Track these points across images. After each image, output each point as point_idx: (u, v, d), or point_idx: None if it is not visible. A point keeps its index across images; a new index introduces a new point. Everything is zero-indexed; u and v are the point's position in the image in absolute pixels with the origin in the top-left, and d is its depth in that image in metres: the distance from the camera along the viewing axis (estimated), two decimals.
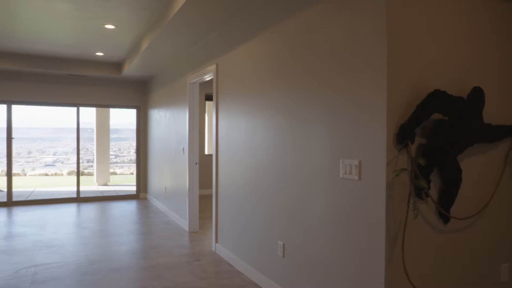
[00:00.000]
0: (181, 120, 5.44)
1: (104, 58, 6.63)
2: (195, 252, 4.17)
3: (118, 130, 19.90)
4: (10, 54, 6.33)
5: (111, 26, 4.72)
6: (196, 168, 4.97)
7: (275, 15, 3.01)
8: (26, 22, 4.63)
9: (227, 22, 3.88)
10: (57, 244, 4.49)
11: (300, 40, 2.69)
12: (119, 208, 6.81)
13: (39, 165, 19.23)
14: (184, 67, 5.29)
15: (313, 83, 2.56)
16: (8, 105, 6.97)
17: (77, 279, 3.39)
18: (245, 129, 3.55)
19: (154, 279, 3.39)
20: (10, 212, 6.41)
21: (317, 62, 2.51)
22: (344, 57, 2.26)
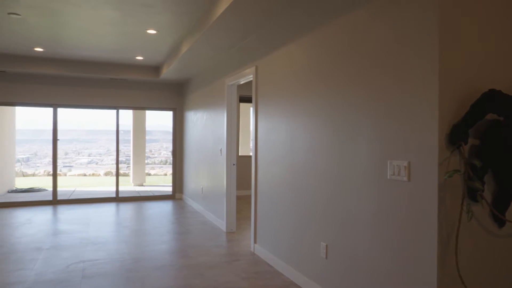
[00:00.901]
0: (218, 121, 5.53)
1: (144, 62, 6.85)
2: (234, 252, 4.22)
3: (150, 132, 20.54)
4: (59, 60, 6.66)
5: (152, 31, 4.88)
6: (233, 169, 5.04)
7: (317, 18, 3.02)
8: (76, 30, 4.87)
9: (267, 25, 3.92)
10: (101, 241, 4.67)
11: (344, 42, 2.68)
12: (156, 208, 6.99)
13: (75, 165, 19.99)
14: (222, 69, 5.39)
15: (358, 84, 2.54)
16: (54, 108, 7.33)
17: (123, 275, 3.52)
18: (285, 130, 3.57)
19: (196, 277, 3.47)
20: (55, 210, 6.73)
21: (363, 64, 2.49)
22: (392, 57, 2.24)
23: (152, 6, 4.01)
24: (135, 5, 3.96)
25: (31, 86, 7.13)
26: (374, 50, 2.40)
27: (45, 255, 4.09)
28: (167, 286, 3.26)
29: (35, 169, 16.78)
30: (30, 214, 6.37)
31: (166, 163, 21.58)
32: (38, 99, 7.18)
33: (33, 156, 21.59)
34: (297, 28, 3.34)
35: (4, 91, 6.98)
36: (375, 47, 2.39)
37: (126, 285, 3.27)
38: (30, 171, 15.74)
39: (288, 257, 3.49)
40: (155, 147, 23.92)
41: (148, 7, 4.02)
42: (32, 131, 24.82)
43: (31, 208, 6.89)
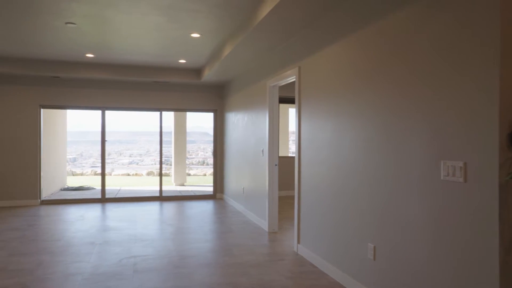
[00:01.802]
0: (260, 122, 5.60)
1: (186, 65, 7.05)
2: (277, 252, 4.26)
3: (187, 133, 21.08)
4: (107, 65, 7.01)
5: (196, 35, 5.02)
6: (275, 169, 5.08)
7: (364, 16, 3.00)
8: (125, 36, 5.11)
9: (310, 26, 3.93)
10: (149, 238, 4.86)
11: (394, 41, 2.65)
12: (198, 207, 7.17)
13: (117, 166, 20.78)
14: (263, 71, 5.44)
15: (409, 82, 2.50)
16: (103, 110, 7.71)
17: (171, 271, 3.65)
18: (330, 130, 3.56)
19: (242, 275, 3.53)
20: (104, 208, 7.07)
21: (416, 61, 2.45)
22: (447, 54, 2.19)
23: (197, 11, 4.13)
24: (181, 10, 4.10)
25: (82, 90, 7.55)
26: (429, 46, 2.35)
27: (98, 250, 4.32)
28: (215, 282, 3.35)
29: (82, 169, 17.66)
30: (82, 211, 6.73)
31: (203, 163, 22.04)
32: (88, 102, 7.58)
33: (79, 157, 22.72)
34: (342, 28, 3.33)
35: (58, 95, 7.43)
36: (430, 44, 2.34)
37: (175, 281, 3.39)
38: (78, 170, 16.59)
39: (333, 257, 3.48)
40: (193, 148, 24.49)
41: (193, 11, 4.14)
42: (77, 133, 26.18)
43: (82, 205, 7.28)
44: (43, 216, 6.27)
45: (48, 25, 4.68)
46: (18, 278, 3.44)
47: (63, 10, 4.14)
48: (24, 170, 7.26)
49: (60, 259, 3.97)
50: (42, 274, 3.55)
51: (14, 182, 7.21)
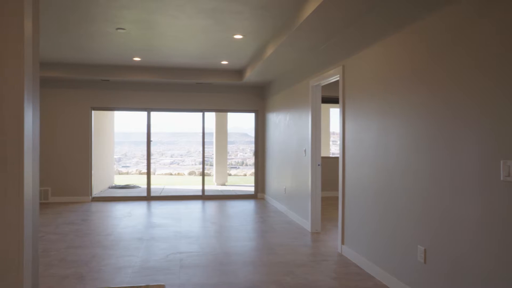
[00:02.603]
0: (302, 122, 5.57)
1: (228, 66, 7.17)
2: (321, 252, 4.22)
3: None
4: (153, 67, 7.28)
5: (239, 36, 5.09)
6: (318, 169, 5.04)
7: (413, 12, 2.91)
8: (171, 39, 5.29)
9: (355, 23, 3.87)
10: (194, 235, 4.99)
11: (445, 37, 2.54)
12: (240, 206, 7.25)
13: (159, 165, 21.42)
14: (306, 70, 5.42)
15: (464, 79, 2.39)
16: (148, 112, 8.01)
17: (216, 268, 3.73)
18: (376, 130, 3.48)
19: (286, 274, 3.53)
20: (149, 205, 7.34)
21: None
22: (507, 47, 2.07)
23: (240, 13, 4.19)
24: (224, 12, 4.18)
25: (129, 92, 7.89)
26: (485, 40, 2.24)
27: (146, 245, 4.49)
28: (259, 280, 3.38)
29: (127, 168, 18.41)
30: (129, 208, 7.03)
31: (242, 164, 22.25)
32: (134, 103, 7.91)
33: (123, 157, 23.71)
34: (388, 25, 3.24)
35: (107, 97, 7.82)
36: (485, 39, 2.23)
37: (220, 277, 3.46)
38: (124, 169, 17.32)
39: (380, 260, 3.40)
40: (232, 148, 24.83)
41: (237, 13, 4.21)
42: (121, 134, 27.38)
43: (129, 203, 7.60)
44: (94, 212, 6.61)
45: (100, 31, 4.94)
46: (75, 268, 3.66)
47: (115, 17, 4.35)
48: (77, 169, 7.70)
49: (112, 253, 4.18)
50: (96, 265, 3.75)
51: (69, 180, 7.66)
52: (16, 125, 1.63)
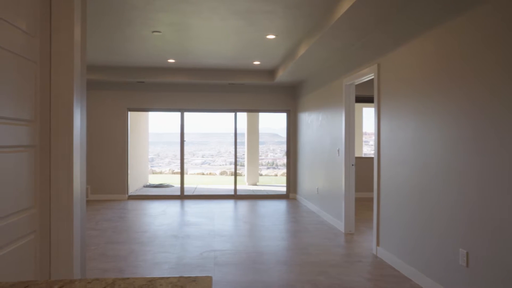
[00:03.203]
0: (335, 122, 5.52)
1: (260, 67, 7.20)
2: (355, 253, 4.16)
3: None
4: (186, 69, 7.43)
5: (272, 36, 5.11)
6: (352, 169, 4.97)
7: (453, 7, 2.81)
8: (204, 41, 5.38)
9: (392, 20, 3.78)
10: (227, 234, 5.05)
11: (489, 32, 2.44)
12: (272, 206, 7.26)
13: (190, 166, 21.77)
14: (339, 69, 5.36)
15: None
16: (182, 112, 8.18)
17: (250, 266, 3.76)
18: (413, 129, 3.39)
19: (320, 274, 3.51)
20: (183, 204, 7.49)
21: None
22: None
23: (273, 12, 4.20)
24: (257, 13, 4.20)
25: (163, 93, 8.09)
26: None
27: (181, 242, 4.59)
28: (293, 280, 3.38)
29: (160, 168, 18.86)
30: (163, 206, 7.21)
31: (273, 164, 22.26)
32: (168, 104, 8.10)
33: (156, 157, 24.32)
34: (427, 21, 3.15)
35: (142, 98, 8.05)
36: None
37: (254, 275, 3.49)
38: (157, 169, 17.76)
39: (417, 262, 3.31)
40: (262, 149, 24.91)
41: (269, 13, 4.22)
42: (154, 135, 28.11)
43: (163, 201, 7.79)
44: (130, 209, 6.83)
45: (137, 35, 5.10)
46: (115, 263, 3.80)
47: (151, 20, 4.49)
48: (114, 168, 7.98)
49: (148, 249, 4.30)
50: (134, 261, 3.87)
51: (106, 178, 7.96)
52: (67, 125, 1.73)
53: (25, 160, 1.53)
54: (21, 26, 1.50)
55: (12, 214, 1.44)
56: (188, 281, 0.85)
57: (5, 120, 1.39)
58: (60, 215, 1.72)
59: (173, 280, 0.85)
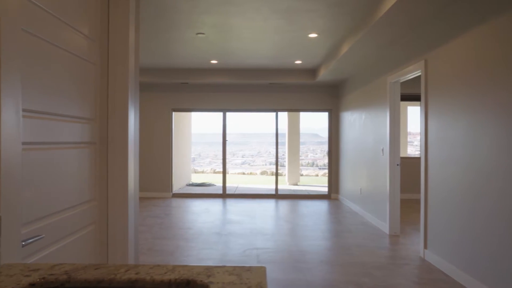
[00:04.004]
0: (379, 120, 5.38)
1: (301, 66, 7.18)
2: (401, 256, 4.04)
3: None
4: (228, 69, 7.56)
5: (314, 35, 5.08)
6: (397, 169, 4.83)
7: (501, 2, 2.66)
8: (245, 41, 5.45)
9: (439, 14, 3.64)
10: (269, 232, 5.08)
11: None
12: (313, 206, 7.21)
13: (231, 165, 21.97)
14: (383, 66, 5.22)
15: None
16: (224, 112, 8.33)
17: (292, 265, 3.76)
18: (464, 127, 3.24)
19: (364, 276, 3.45)
20: (225, 203, 7.62)
21: None
22: None
23: (315, 11, 4.18)
24: (299, 11, 4.20)
25: (206, 94, 8.28)
26: None
27: (224, 240, 4.69)
28: (336, 280, 3.34)
29: (202, 167, 19.27)
30: (206, 204, 7.38)
31: (313, 165, 22.04)
32: (211, 105, 8.28)
33: (197, 157, 24.87)
34: (479, 14, 3.00)
35: (186, 99, 8.29)
36: None
37: (297, 274, 3.49)
38: (199, 168, 18.18)
39: (469, 267, 3.15)
40: (302, 149, 24.74)
41: (311, 12, 4.20)
42: (195, 135, 28.79)
43: (206, 200, 7.97)
44: (175, 207, 7.05)
45: (182, 37, 5.26)
46: (162, 257, 3.95)
47: (196, 22, 4.62)
48: (159, 167, 8.28)
49: (193, 245, 4.43)
50: (180, 256, 4.01)
51: (152, 176, 8.27)
52: (122, 123, 1.83)
53: (87, 155, 1.65)
54: (84, 31, 1.62)
55: (78, 205, 1.55)
56: (243, 270, 0.88)
57: (71, 118, 1.50)
58: (116, 208, 1.83)
59: (229, 268, 0.89)
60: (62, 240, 1.42)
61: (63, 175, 1.43)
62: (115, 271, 0.85)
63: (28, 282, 0.79)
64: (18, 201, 1.02)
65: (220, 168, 8.68)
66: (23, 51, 1.15)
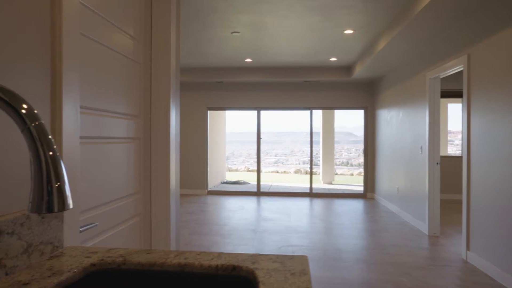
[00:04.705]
0: (418, 118, 5.23)
1: (336, 63, 7.09)
2: (441, 257, 3.92)
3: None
4: (262, 68, 7.61)
5: (349, 31, 5.01)
6: (437, 168, 4.68)
7: None
8: (280, 39, 5.47)
9: (481, 7, 3.49)
10: (303, 230, 5.08)
11: None
12: (348, 205, 7.12)
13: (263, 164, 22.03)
14: (422, 62, 5.07)
15: None
16: (258, 111, 8.39)
17: (328, 263, 3.75)
18: (511, 124, 3.09)
19: (402, 276, 3.38)
20: (259, 200, 7.68)
21: None
22: None
23: (351, 7, 4.12)
24: (335, 8, 4.16)
25: (240, 92, 8.37)
26: None
27: (259, 236, 4.73)
28: (373, 279, 3.30)
29: (235, 166, 19.47)
30: (241, 202, 7.47)
31: (347, 164, 21.68)
32: (245, 103, 8.36)
33: (231, 155, 25.15)
34: None
35: (220, 98, 8.42)
36: None
37: (333, 272, 3.47)
38: (233, 167, 18.38)
39: None
40: (336, 148, 24.43)
41: (347, 8, 4.15)
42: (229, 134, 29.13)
43: (241, 197, 8.06)
44: (210, 204, 7.19)
45: (217, 36, 5.36)
46: None
47: (231, 21, 4.69)
48: (195, 164, 8.46)
49: (229, 241, 4.51)
50: (217, 251, 4.09)
51: (188, 174, 8.47)
52: (164, 120, 1.91)
53: (132, 150, 1.74)
54: (130, 32, 1.70)
55: (125, 197, 1.64)
56: (286, 258, 0.91)
57: (119, 115, 1.59)
58: (159, 201, 1.91)
59: (272, 257, 0.92)
60: (112, 229, 1.51)
61: (112, 168, 1.51)
62: (165, 256, 0.91)
63: (90, 262, 0.85)
64: (76, 191, 1.10)
65: (254, 166, 8.74)
66: (81, 53, 1.23)
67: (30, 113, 0.50)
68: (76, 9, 1.13)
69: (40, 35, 0.98)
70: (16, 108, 0.49)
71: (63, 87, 1.03)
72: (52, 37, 1.03)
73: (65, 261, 0.87)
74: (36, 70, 0.96)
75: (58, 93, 1.03)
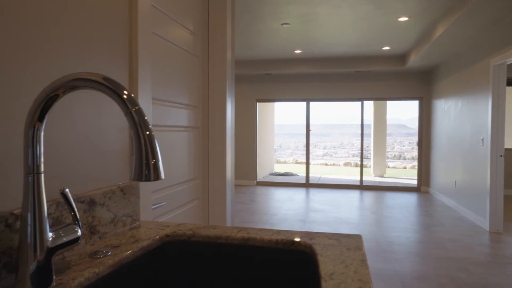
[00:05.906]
0: (479, 107, 4.95)
1: (389, 52, 6.87)
2: (504, 254, 3.72)
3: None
4: (312, 59, 7.56)
5: (404, 18, 4.84)
6: (500, 161, 4.41)
7: None
8: (330, 30, 5.41)
9: None
10: (353, 222, 5.04)
11: None
12: (401, 198, 6.92)
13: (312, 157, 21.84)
14: (484, 48, 4.78)
15: None
16: (307, 102, 8.36)
17: (379, 254, 3.71)
18: None
19: (460, 271, 3.27)
20: (308, 192, 7.69)
21: None
22: None
23: None
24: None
25: (289, 84, 8.38)
26: None
27: (308, 227, 4.77)
28: (428, 272, 3.22)
29: (283, 158, 19.52)
30: (290, 193, 7.53)
31: (400, 158, 20.89)
32: (294, 95, 8.36)
33: (278, 148, 25.22)
34: None
35: (269, 90, 8.49)
36: None
37: (385, 263, 3.44)
38: (281, 159, 18.46)
39: None
40: (389, 141, 23.61)
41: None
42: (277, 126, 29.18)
43: (289, 188, 8.12)
44: (259, 194, 7.33)
45: (267, 28, 5.41)
46: None
47: (281, 13, 4.72)
48: (245, 155, 8.64)
49: None
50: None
51: (238, 164, 8.68)
52: (221, 110, 2.02)
53: (192, 138, 1.86)
54: (189, 27, 1.81)
55: (187, 181, 1.77)
56: (341, 236, 0.96)
57: (182, 105, 1.71)
58: (216, 187, 2.02)
59: (328, 234, 0.98)
60: (175, 210, 1.65)
61: (176, 154, 1.64)
62: (229, 230, 1.00)
63: (164, 233, 0.97)
64: None
65: (302, 159, 8.75)
66: (152, 49, 1.36)
67: (131, 99, 0.60)
68: (148, 11, 1.25)
69: (121, 35, 1.10)
70: (120, 95, 0.59)
71: (138, 81, 1.16)
72: (130, 36, 1.15)
73: (144, 231, 0.99)
74: (118, 64, 1.09)
75: (134, 85, 1.16)
